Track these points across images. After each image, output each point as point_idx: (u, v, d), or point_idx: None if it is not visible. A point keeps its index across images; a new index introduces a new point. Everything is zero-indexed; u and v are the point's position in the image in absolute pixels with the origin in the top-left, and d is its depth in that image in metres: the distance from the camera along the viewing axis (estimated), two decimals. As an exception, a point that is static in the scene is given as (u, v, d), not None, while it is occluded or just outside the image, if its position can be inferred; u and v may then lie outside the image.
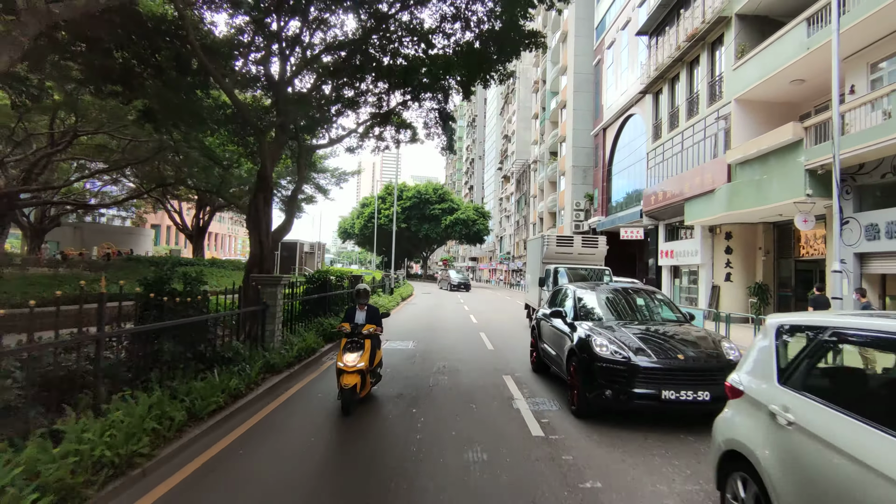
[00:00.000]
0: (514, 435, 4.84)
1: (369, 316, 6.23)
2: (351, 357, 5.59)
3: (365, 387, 5.77)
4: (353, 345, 5.77)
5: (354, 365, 5.50)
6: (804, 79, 13.08)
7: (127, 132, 15.37)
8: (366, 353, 5.69)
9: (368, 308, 6.32)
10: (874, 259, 11.10)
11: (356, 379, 5.48)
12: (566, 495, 3.54)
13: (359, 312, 6.24)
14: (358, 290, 6.48)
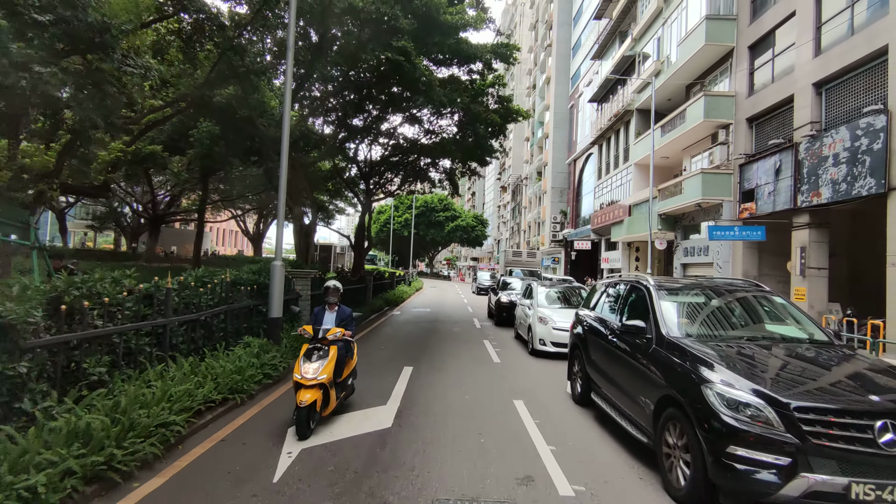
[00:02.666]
0: (470, 325, 13.98)
1: (340, 318, 5.51)
2: (310, 367, 4.75)
3: (329, 403, 4.96)
4: (315, 353, 4.98)
5: (314, 377, 4.65)
6: (668, 156, 22.02)
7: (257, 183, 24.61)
8: (330, 363, 4.87)
9: (340, 309, 5.61)
10: (689, 267, 20.09)
11: (316, 395, 4.62)
12: (479, 333, 12.62)
13: (327, 314, 5.54)
14: (327, 287, 5.66)
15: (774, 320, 4.97)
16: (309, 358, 4.94)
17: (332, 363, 4.95)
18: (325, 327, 5.34)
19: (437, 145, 18.38)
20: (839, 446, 3.09)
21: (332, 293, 5.65)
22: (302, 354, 5.01)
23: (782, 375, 3.66)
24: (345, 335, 5.30)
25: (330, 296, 5.66)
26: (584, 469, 4.31)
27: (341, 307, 5.69)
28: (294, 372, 4.85)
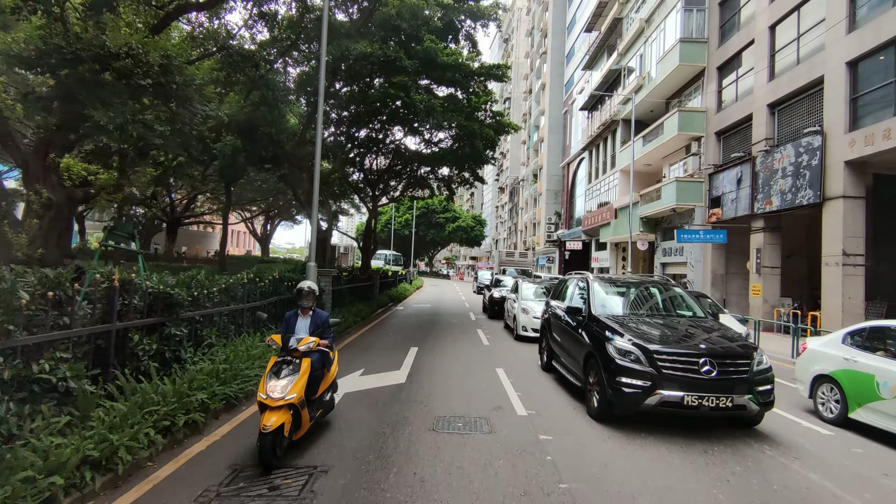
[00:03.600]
0: (466, 318, 16.05)
1: (314, 325, 4.78)
2: (278, 385, 4.08)
3: (301, 426, 4.31)
4: (284, 367, 4.27)
5: (282, 397, 3.99)
6: (650, 164, 24.10)
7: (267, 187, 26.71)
8: (301, 379, 4.19)
9: (315, 314, 4.87)
10: (668, 266, 22.21)
11: (283, 417, 3.97)
12: (473, 324, 14.72)
13: (300, 320, 4.81)
14: (299, 289, 4.86)
15: (676, 305, 7.07)
16: (277, 373, 4.20)
17: (304, 378, 4.22)
18: (297, 336, 4.53)
19: (435, 155, 20.42)
20: (678, 374, 5.19)
21: (305, 296, 4.83)
22: (269, 369, 4.28)
23: (656, 335, 5.75)
24: (320, 345, 4.59)
25: (303, 299, 4.84)
26: (537, 403, 6.42)
27: (316, 312, 4.92)
28: (258, 391, 4.13)
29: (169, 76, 7.62)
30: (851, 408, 5.92)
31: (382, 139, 19.82)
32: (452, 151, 19.53)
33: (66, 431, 3.65)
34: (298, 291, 4.92)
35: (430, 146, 20.76)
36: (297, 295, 4.93)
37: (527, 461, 4.47)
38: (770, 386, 5.36)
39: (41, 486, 3.11)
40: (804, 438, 5.56)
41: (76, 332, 4.07)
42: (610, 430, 5.46)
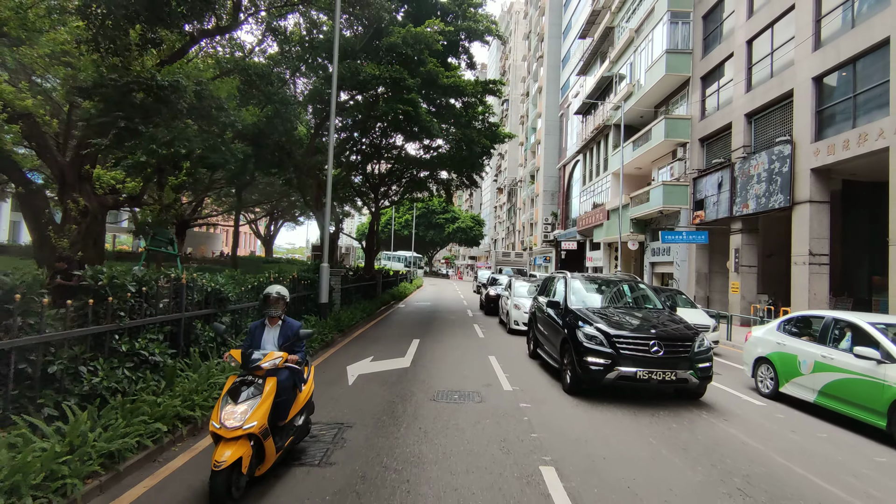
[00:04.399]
0: (464, 314, 17.28)
1: (284, 337, 4.15)
2: (236, 411, 3.44)
3: (265, 459, 3.67)
4: (244, 388, 3.64)
5: (238, 426, 3.35)
6: (640, 167, 25.33)
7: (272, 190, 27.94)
8: (264, 403, 3.57)
9: (285, 324, 4.23)
10: (656, 266, 23.45)
11: (241, 450, 3.35)
12: (470, 320, 15.95)
13: (267, 331, 4.18)
14: (266, 295, 4.20)
15: (642, 299, 8.31)
16: (234, 396, 3.56)
17: (268, 402, 3.60)
18: (262, 351, 3.90)
19: (434, 160, 21.67)
20: (633, 354, 6.42)
21: (273, 303, 4.18)
22: (225, 391, 3.64)
23: (619, 322, 6.97)
24: (289, 361, 3.94)
25: (270, 306, 4.19)
26: (521, 382, 7.65)
27: (286, 321, 4.26)
28: (211, 418, 3.50)
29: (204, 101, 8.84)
30: (781, 383, 7.16)
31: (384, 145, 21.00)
32: (451, 157, 20.74)
33: (159, 393, 4.88)
34: (265, 298, 4.19)
35: (430, 151, 21.95)
36: (263, 302, 4.20)
37: (508, 420, 5.71)
38: (709, 364, 6.60)
39: (151, 428, 4.34)
40: (739, 408, 6.79)
41: (160, 318, 5.30)
42: (578, 400, 6.70)
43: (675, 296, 13.07)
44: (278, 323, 4.29)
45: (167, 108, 8.67)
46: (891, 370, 5.54)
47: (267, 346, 4.15)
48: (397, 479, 4.05)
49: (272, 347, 4.15)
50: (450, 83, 13.96)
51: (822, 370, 6.45)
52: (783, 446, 5.27)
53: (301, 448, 4.62)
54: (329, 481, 3.96)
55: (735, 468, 4.53)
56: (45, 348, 3.95)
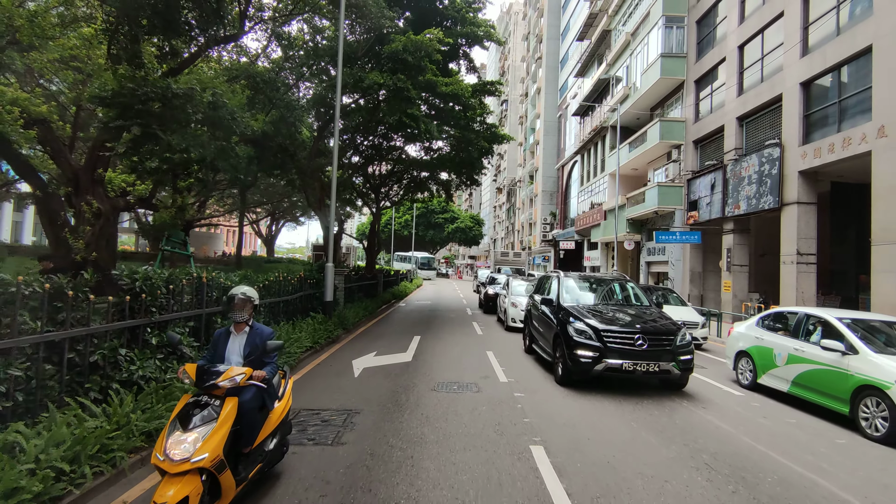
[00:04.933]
0: (463, 312, 17.80)
1: (250, 347, 3.62)
2: (184, 439, 2.93)
3: (220, 495, 3.08)
4: (196, 411, 3.11)
5: (185, 459, 2.83)
6: (636, 168, 25.85)
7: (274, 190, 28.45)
8: (220, 430, 3.03)
9: (252, 331, 3.72)
10: (652, 265, 23.97)
11: (188, 488, 2.81)
12: (469, 318, 16.47)
13: (232, 340, 3.69)
14: (231, 297, 3.70)
15: (632, 297, 8.83)
16: (184, 421, 3.04)
17: (225, 428, 3.08)
18: (222, 366, 3.38)
19: (434, 161, 22.18)
20: (620, 347, 6.94)
21: (238, 307, 3.67)
22: (174, 415, 3.11)
23: (607, 317, 7.49)
24: (253, 378, 3.37)
25: (235, 310, 3.68)
26: (516, 374, 8.18)
27: (255, 328, 3.77)
28: (154, 448, 2.98)
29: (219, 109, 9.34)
30: (759, 375, 7.69)
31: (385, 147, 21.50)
32: (451, 158, 21.26)
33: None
34: (229, 300, 3.68)
35: (430, 153, 22.46)
36: (228, 305, 3.69)
37: (503, 407, 6.23)
38: (690, 356, 7.12)
39: (181, 411, 4.85)
40: (718, 397, 7.32)
41: (184, 314, 5.82)
42: (569, 390, 7.22)
43: (666, 294, 13.60)
44: (245, 329, 3.76)
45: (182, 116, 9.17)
46: (853, 361, 6.06)
47: (232, 358, 3.65)
48: (402, 455, 4.57)
49: (237, 359, 3.63)
50: (448, 91, 14.47)
51: (794, 362, 6.97)
52: (752, 430, 5.79)
53: (315, 431, 5.13)
54: (342, 458, 4.48)
55: (705, 447, 5.06)
56: (90, 340, 4.47)
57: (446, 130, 18.02)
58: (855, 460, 4.99)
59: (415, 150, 23.02)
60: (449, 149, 21.66)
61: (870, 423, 5.75)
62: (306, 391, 6.68)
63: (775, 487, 4.17)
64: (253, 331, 3.77)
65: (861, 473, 4.63)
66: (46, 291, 3.89)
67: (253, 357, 3.59)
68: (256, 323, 3.88)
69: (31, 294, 3.83)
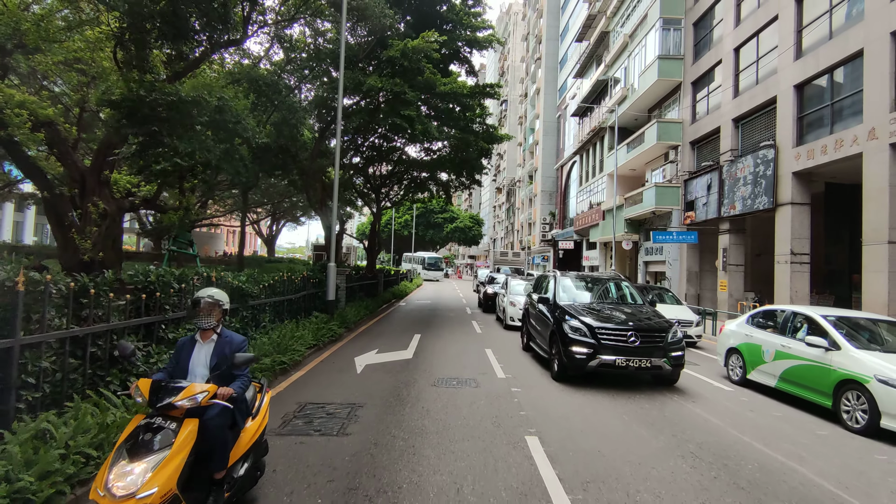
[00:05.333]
0: (463, 311, 18.07)
1: (219, 355, 3.23)
2: (131, 470, 2.54)
3: None
4: (148, 436, 2.69)
5: (130, 494, 2.45)
6: (635, 168, 26.12)
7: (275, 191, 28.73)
8: (174, 459, 2.62)
9: (221, 339, 3.32)
10: (650, 265, 24.26)
11: None
12: (469, 317, 16.75)
13: (197, 350, 3.28)
14: (196, 300, 3.27)
15: (626, 295, 9.10)
16: (132, 449, 2.62)
17: (181, 456, 2.66)
18: (182, 382, 2.96)
19: (434, 161, 22.45)
20: (613, 343, 7.22)
21: (204, 311, 3.25)
22: (121, 441, 2.69)
23: (601, 315, 7.77)
24: (219, 396, 2.92)
25: (201, 316, 3.26)
26: (514, 370, 8.45)
27: (224, 336, 3.36)
28: (94, 483, 2.58)
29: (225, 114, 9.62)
30: (748, 371, 7.96)
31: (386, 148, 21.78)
32: (450, 159, 21.54)
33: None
34: (194, 304, 3.25)
35: (430, 153, 22.75)
36: (193, 309, 3.26)
37: (500, 401, 6.50)
38: (681, 353, 7.40)
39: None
40: (708, 392, 7.59)
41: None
42: (564, 385, 7.50)
43: (662, 293, 13.89)
44: (213, 337, 3.32)
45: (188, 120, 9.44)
46: (836, 356, 6.34)
47: (196, 370, 3.22)
48: (404, 444, 4.84)
49: (203, 371, 3.21)
50: (447, 90, 14.75)
51: (781, 358, 7.24)
52: (739, 422, 6.06)
53: (321, 422, 5.40)
54: (347, 447, 4.75)
55: (692, 438, 5.33)
56: (110, 335, 4.74)
57: (446, 131, 18.31)
58: (834, 450, 5.27)
59: (415, 151, 23.30)
60: (449, 150, 21.93)
61: (850, 415, 6.02)
62: (311, 386, 6.96)
63: (755, 473, 4.44)
64: (222, 339, 3.35)
65: (838, 461, 4.90)
66: (71, 290, 4.16)
67: (221, 369, 3.15)
68: (227, 330, 3.46)
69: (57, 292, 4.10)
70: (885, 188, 11.87)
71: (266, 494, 3.73)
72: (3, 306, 3.58)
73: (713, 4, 20.01)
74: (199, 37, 10.95)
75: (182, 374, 3.26)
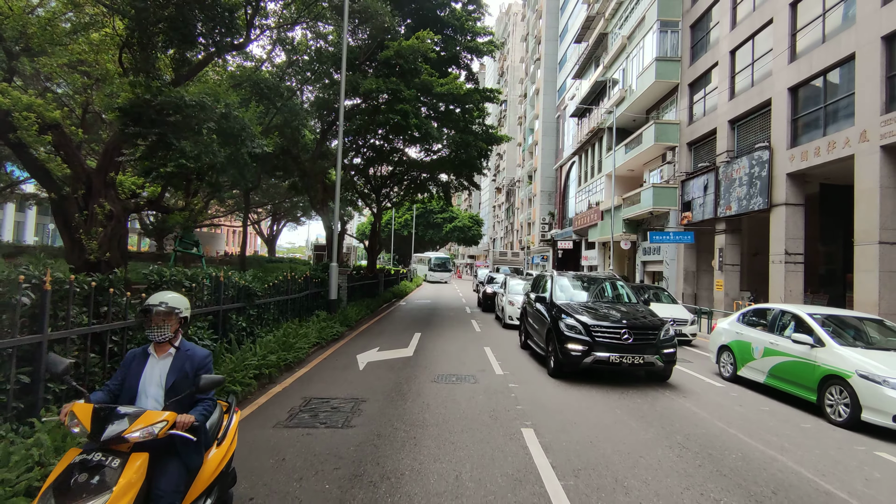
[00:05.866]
0: (462, 311, 18.34)
1: (178, 373, 2.71)
2: None
3: None
4: (83, 475, 2.23)
5: None
6: (633, 169, 26.39)
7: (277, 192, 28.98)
8: (120, 502, 2.18)
9: (180, 354, 2.77)
10: (647, 264, 24.53)
11: None
12: (468, 316, 17.02)
13: (151, 365, 2.73)
14: (146, 308, 2.71)
15: (621, 294, 9.37)
16: (63, 494, 2.15)
17: (127, 499, 2.21)
18: (133, 408, 2.42)
19: (434, 162, 22.71)
20: (607, 341, 7.48)
21: (158, 320, 2.70)
22: (49, 483, 2.22)
23: (596, 314, 8.03)
24: (177, 426, 2.44)
25: (154, 326, 2.71)
26: (512, 367, 8.72)
27: (184, 350, 2.81)
28: None
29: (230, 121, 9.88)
30: (739, 367, 8.23)
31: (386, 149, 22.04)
32: (450, 160, 21.82)
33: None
34: (144, 312, 2.71)
35: (430, 154, 23.02)
36: (143, 318, 2.73)
37: (498, 396, 6.76)
38: (673, 350, 7.66)
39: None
40: (700, 388, 7.86)
41: (204, 310, 6.35)
42: (560, 381, 7.76)
43: (658, 292, 14.15)
44: (169, 352, 2.75)
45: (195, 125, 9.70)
46: (821, 353, 6.60)
47: (148, 390, 2.67)
48: (406, 436, 5.10)
49: (156, 392, 2.67)
50: (444, 90, 15.03)
51: (770, 354, 7.51)
52: (726, 416, 6.33)
53: (326, 416, 5.66)
54: (352, 438, 5.01)
55: (680, 430, 5.60)
56: (126, 332, 5.00)
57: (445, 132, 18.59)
58: (816, 441, 5.53)
59: (415, 152, 23.54)
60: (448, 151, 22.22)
61: (834, 409, 6.29)
62: (315, 382, 7.22)
63: (737, 462, 4.71)
64: (181, 353, 2.77)
65: (818, 451, 5.17)
66: (93, 288, 4.42)
67: (180, 391, 2.62)
68: (187, 342, 2.86)
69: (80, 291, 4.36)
70: (875, 189, 12.14)
71: (277, 480, 3.99)
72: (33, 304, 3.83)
73: (710, 7, 20.28)
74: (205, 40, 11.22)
75: (129, 396, 2.64)
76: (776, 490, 4.12)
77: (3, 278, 3.63)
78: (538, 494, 3.85)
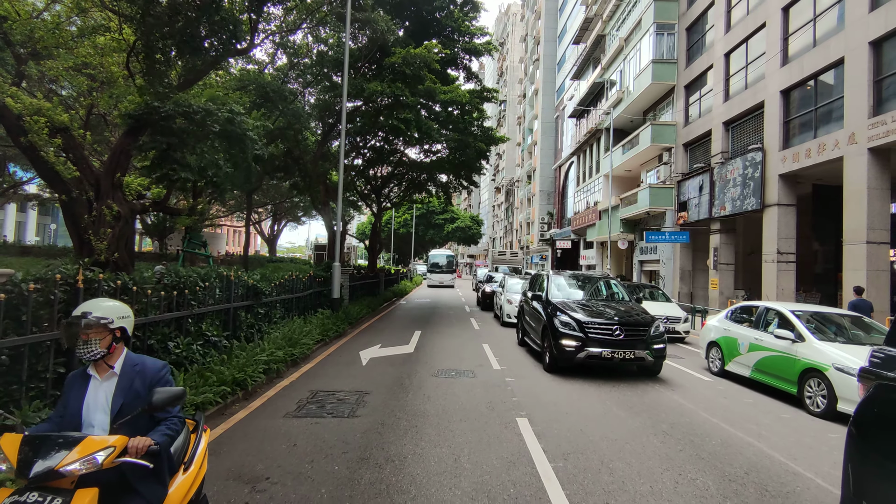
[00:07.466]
0: (462, 310, 18.70)
1: (128, 393, 2.30)
2: None
3: None
4: None
5: None
6: (630, 169, 26.75)
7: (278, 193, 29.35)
8: None
9: (129, 369, 2.35)
10: (644, 264, 24.90)
11: None
12: (467, 315, 17.38)
13: (94, 388, 2.31)
14: (71, 321, 2.23)
15: (615, 292, 9.74)
16: None
17: None
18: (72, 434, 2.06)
19: (434, 163, 23.09)
20: (600, 337, 7.85)
21: (88, 332, 2.24)
22: None
23: (588, 312, 8.40)
24: (129, 454, 2.04)
25: (81, 343, 2.24)
26: (509, 363, 9.09)
27: (131, 364, 2.38)
28: None
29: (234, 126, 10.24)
30: (726, 362, 8.60)
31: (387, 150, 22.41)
32: (449, 161, 22.20)
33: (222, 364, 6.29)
34: (69, 326, 2.23)
35: (430, 155, 23.41)
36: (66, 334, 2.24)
37: (495, 389, 7.13)
38: (663, 345, 8.03)
39: (217, 390, 5.75)
40: (688, 382, 8.23)
41: (215, 308, 6.72)
42: (555, 376, 8.13)
43: (653, 291, 14.52)
44: (113, 370, 2.33)
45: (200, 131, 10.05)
46: (801, 347, 6.97)
47: (94, 418, 2.28)
48: (408, 425, 5.47)
49: (102, 419, 2.27)
50: (447, 98, 15.40)
51: (755, 350, 7.88)
52: (711, 407, 6.70)
53: (332, 407, 6.02)
54: (357, 426, 5.37)
55: (666, 419, 5.96)
56: (147, 327, 5.36)
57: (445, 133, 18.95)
58: (793, 430, 5.90)
59: (414, 153, 23.91)
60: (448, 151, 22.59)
61: (812, 400, 6.66)
62: (320, 376, 7.59)
63: (716, 447, 5.07)
64: (128, 371, 2.34)
65: (793, 439, 5.54)
66: (119, 287, 4.78)
67: (131, 414, 2.20)
68: (135, 355, 2.44)
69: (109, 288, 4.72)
70: (863, 190, 12.51)
71: (290, 462, 4.35)
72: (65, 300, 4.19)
73: (706, 10, 20.64)
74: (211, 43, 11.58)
75: (73, 427, 2.24)
76: (748, 471, 4.49)
77: (42, 276, 3.99)
78: (530, 474, 4.22)
